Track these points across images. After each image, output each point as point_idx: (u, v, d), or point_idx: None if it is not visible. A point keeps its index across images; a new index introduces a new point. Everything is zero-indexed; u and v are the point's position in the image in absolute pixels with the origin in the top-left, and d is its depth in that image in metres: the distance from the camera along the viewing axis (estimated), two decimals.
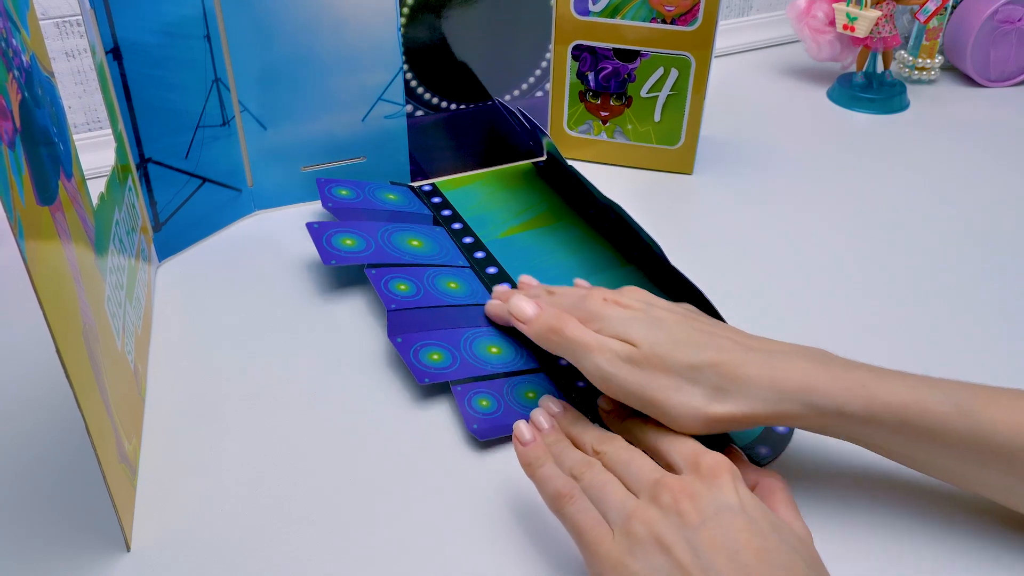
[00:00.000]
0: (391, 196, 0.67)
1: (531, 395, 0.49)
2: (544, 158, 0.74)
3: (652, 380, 0.41)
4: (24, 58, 0.39)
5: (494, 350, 0.52)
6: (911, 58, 0.92)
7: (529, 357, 0.52)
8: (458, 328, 0.53)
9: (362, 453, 0.47)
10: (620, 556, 0.35)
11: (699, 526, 0.34)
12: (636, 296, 0.46)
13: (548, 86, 0.74)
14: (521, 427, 0.42)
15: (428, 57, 0.67)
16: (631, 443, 0.41)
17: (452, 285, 0.57)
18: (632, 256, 0.61)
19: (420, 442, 0.47)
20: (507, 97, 0.72)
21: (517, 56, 0.71)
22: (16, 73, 0.37)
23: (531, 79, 0.72)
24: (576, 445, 0.42)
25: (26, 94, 0.38)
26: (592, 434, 0.42)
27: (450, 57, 0.68)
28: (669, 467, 0.39)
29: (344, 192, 0.65)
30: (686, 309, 0.46)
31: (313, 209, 0.68)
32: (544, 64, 0.72)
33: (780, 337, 0.44)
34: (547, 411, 0.44)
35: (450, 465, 0.46)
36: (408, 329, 0.52)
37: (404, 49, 0.66)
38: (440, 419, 0.49)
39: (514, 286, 0.58)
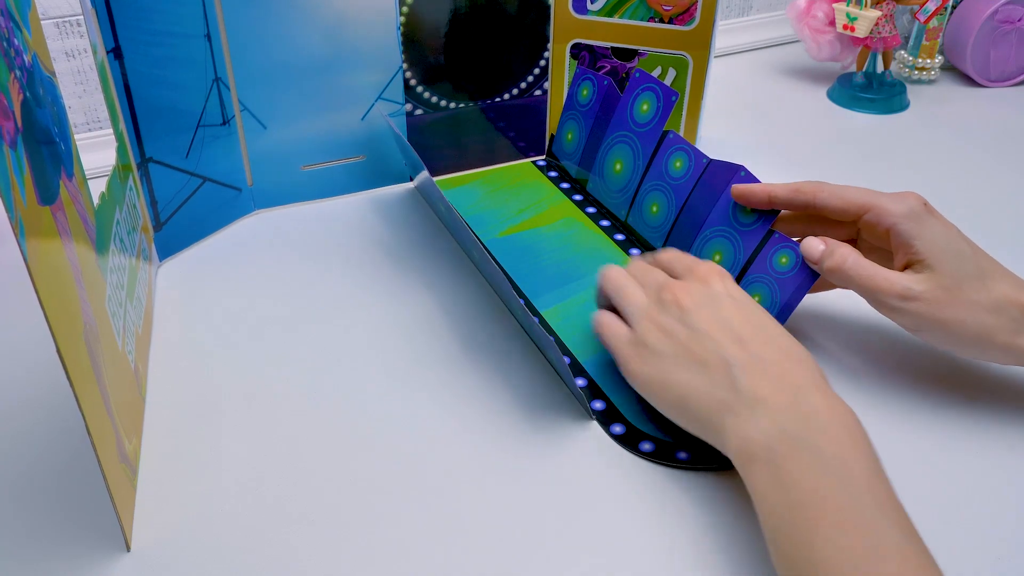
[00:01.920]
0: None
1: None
2: (544, 157, 0.74)
3: None
4: (26, 58, 0.39)
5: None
6: (911, 58, 0.92)
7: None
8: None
9: (362, 453, 0.47)
10: (635, 345, 0.46)
11: (693, 310, 0.44)
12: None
13: (547, 85, 0.74)
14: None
15: (427, 56, 0.67)
16: None
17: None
18: (632, 255, 0.61)
19: (420, 442, 0.47)
20: (506, 96, 0.72)
21: (516, 55, 0.71)
22: (18, 73, 0.37)
23: (530, 78, 0.72)
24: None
25: (28, 94, 0.38)
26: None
27: (450, 56, 0.68)
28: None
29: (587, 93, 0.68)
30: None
31: (313, 209, 0.68)
32: (543, 63, 0.72)
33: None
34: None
35: (450, 465, 0.46)
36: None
37: (403, 48, 0.66)
38: (440, 419, 0.49)
39: (514, 286, 0.58)
